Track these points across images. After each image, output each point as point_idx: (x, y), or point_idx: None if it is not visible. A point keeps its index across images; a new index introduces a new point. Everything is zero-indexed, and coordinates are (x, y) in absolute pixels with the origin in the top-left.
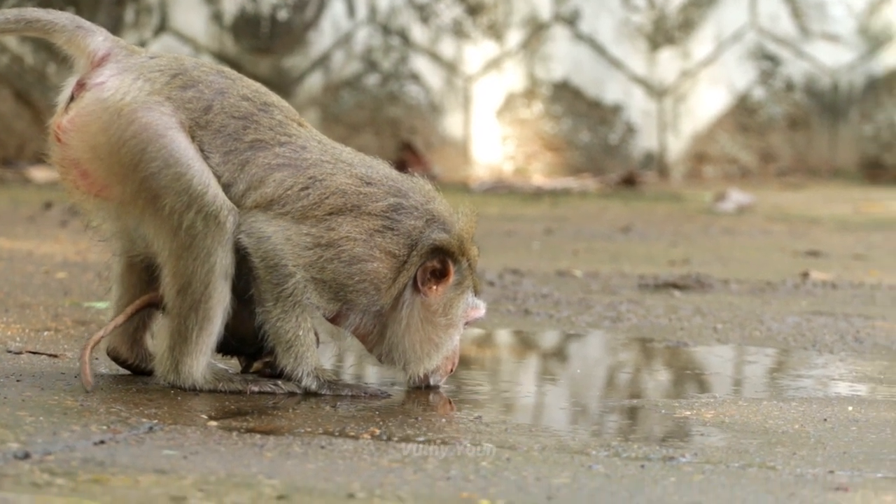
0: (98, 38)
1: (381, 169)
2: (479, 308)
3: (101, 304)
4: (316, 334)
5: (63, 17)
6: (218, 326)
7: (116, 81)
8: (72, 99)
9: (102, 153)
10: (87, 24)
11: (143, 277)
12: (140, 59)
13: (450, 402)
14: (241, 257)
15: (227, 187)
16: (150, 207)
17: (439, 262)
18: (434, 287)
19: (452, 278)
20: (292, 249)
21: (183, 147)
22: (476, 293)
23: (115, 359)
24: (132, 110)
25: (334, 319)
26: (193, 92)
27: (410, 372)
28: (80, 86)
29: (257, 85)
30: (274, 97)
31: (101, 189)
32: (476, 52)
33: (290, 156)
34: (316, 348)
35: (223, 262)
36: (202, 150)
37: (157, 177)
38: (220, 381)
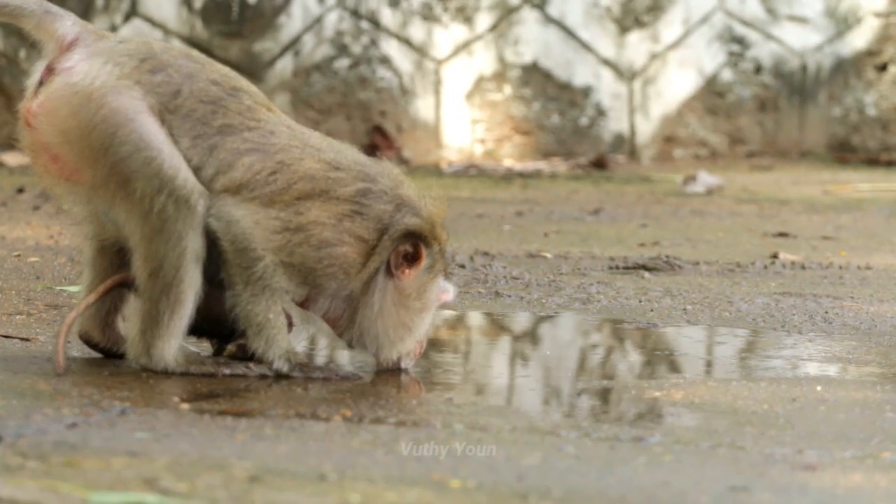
0: (67, 23)
1: (350, 154)
2: (449, 291)
3: (73, 288)
4: (288, 318)
5: (31, 2)
6: (189, 309)
7: (85, 66)
8: (41, 84)
9: (72, 137)
10: (55, 8)
11: (114, 261)
12: (109, 43)
13: (420, 384)
14: (211, 241)
15: (196, 171)
16: (120, 191)
17: (412, 245)
18: (406, 271)
19: (424, 262)
20: (261, 233)
21: (153, 131)
22: (445, 276)
23: (87, 342)
24: (101, 94)
25: (304, 304)
26: (162, 76)
27: (383, 356)
28: (50, 70)
29: (226, 69)
30: (243, 82)
31: (72, 173)
32: (446, 35)
33: (258, 140)
34: (287, 331)
35: (194, 245)
36: (171, 134)
37: (128, 161)
38: (192, 364)
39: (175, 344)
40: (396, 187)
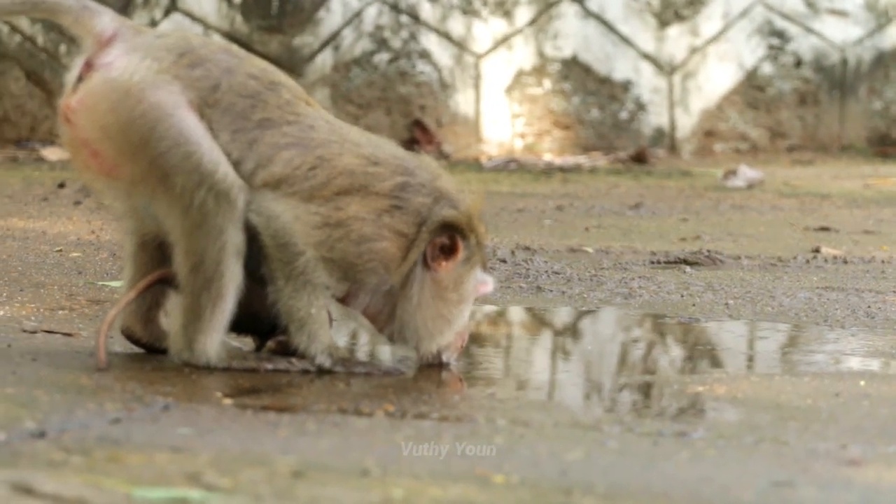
0: (105, 19)
1: (388, 148)
2: (488, 283)
3: (115, 283)
4: (329, 312)
5: None
6: (231, 304)
7: (124, 61)
8: (80, 79)
9: (112, 133)
10: (93, 4)
11: (155, 256)
12: (147, 38)
13: (463, 379)
14: (252, 236)
15: (235, 165)
16: (160, 186)
17: (448, 237)
18: (443, 263)
19: (461, 254)
20: (302, 228)
21: (192, 126)
22: (483, 269)
23: (129, 337)
24: (140, 89)
25: (344, 299)
26: (201, 70)
27: (423, 349)
28: (88, 66)
29: (265, 64)
30: (282, 76)
31: (112, 168)
32: (485, 29)
33: (297, 135)
34: (329, 326)
35: (234, 239)
36: (211, 129)
37: (167, 156)
38: (234, 359)
39: (217, 338)
40: (434, 180)
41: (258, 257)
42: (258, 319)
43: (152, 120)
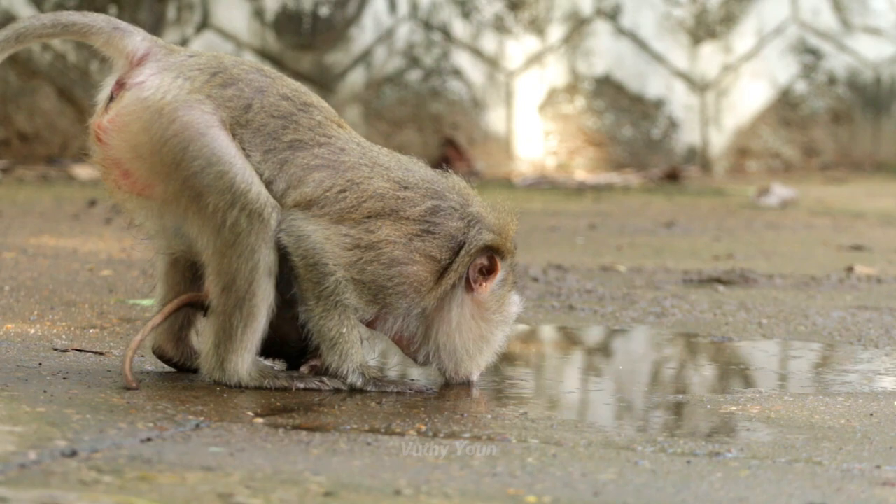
0: (136, 38)
1: (418, 171)
2: (517, 303)
3: (146, 302)
4: (360, 332)
5: (99, 20)
6: (263, 323)
7: (156, 80)
8: (111, 99)
9: (144, 152)
10: (123, 24)
11: (186, 276)
12: (179, 57)
13: (495, 399)
14: (282, 257)
15: (267, 185)
16: (193, 206)
17: (488, 259)
18: (483, 284)
19: (500, 274)
20: (332, 249)
21: (225, 145)
22: (516, 289)
23: (161, 357)
24: (173, 109)
25: (372, 323)
26: (233, 90)
27: (463, 371)
28: (120, 85)
29: (297, 84)
30: (314, 97)
31: (144, 188)
32: (518, 47)
33: (328, 157)
34: (361, 345)
35: (267, 259)
36: (243, 148)
37: (200, 175)
38: (266, 378)
39: (249, 358)
40: (466, 204)
41: (288, 279)
42: (287, 343)
43: (185, 139)
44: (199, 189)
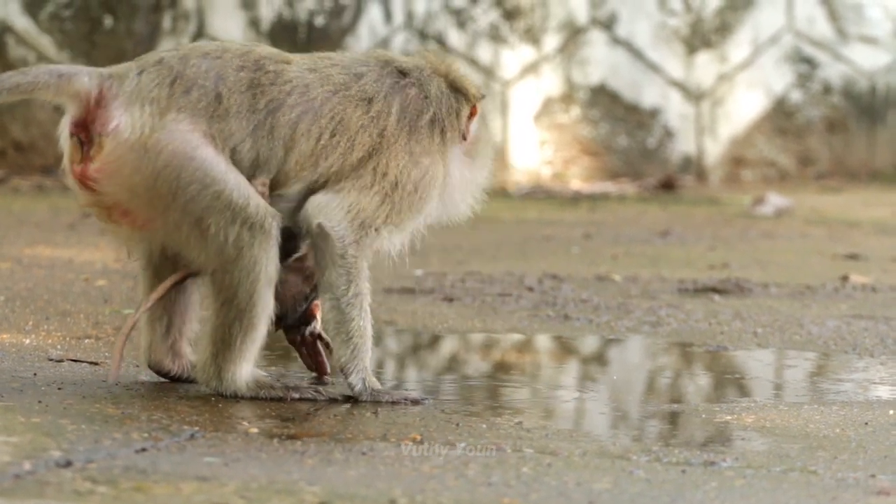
0: (84, 80)
1: (363, 70)
2: (491, 140)
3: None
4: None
5: (41, 73)
6: (262, 333)
7: (127, 118)
8: (82, 145)
9: (140, 191)
10: (64, 68)
11: (168, 264)
12: (131, 81)
13: (490, 408)
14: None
15: (267, 162)
16: (195, 230)
17: (469, 110)
18: (469, 133)
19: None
20: (368, 213)
21: (214, 163)
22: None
23: (158, 371)
24: (155, 141)
25: None
26: (197, 92)
27: (459, 215)
28: (81, 129)
29: (237, 46)
30: (256, 49)
31: (145, 223)
32: (513, 56)
33: (300, 101)
34: (370, 349)
35: (268, 270)
36: (232, 141)
37: (198, 199)
38: (262, 389)
39: (247, 368)
40: (420, 79)
41: (286, 247)
42: (283, 318)
43: (176, 168)
44: (199, 213)
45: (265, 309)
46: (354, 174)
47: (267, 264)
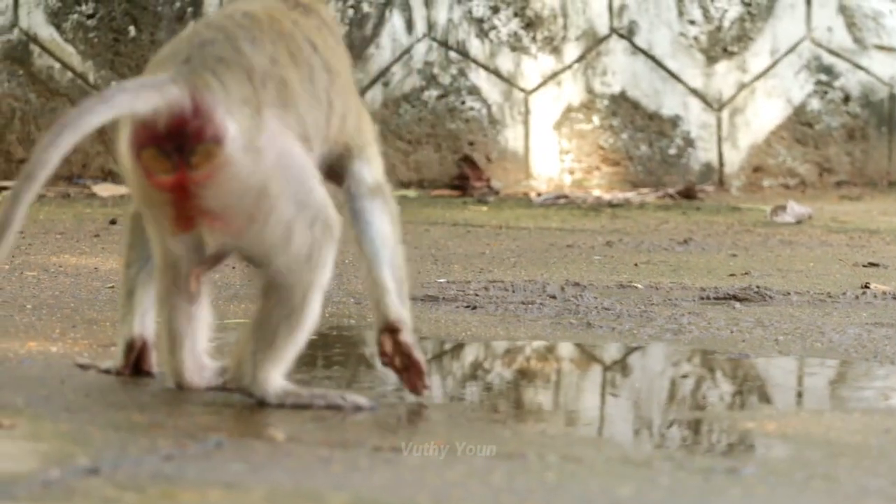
0: (174, 90)
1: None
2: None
3: None
4: None
5: (125, 96)
6: (304, 339)
7: (234, 124)
8: (180, 151)
9: (251, 194)
10: (147, 82)
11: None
12: (214, 84)
13: (514, 415)
14: None
15: (316, 134)
16: (285, 230)
17: None
18: None
19: None
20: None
21: (305, 158)
22: None
23: (188, 387)
24: (263, 143)
25: None
26: (269, 82)
27: None
28: (166, 138)
29: (233, 12)
30: (247, 7)
31: (240, 227)
32: (534, 66)
33: (318, 63)
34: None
35: (326, 275)
36: (299, 126)
37: (296, 198)
38: (289, 396)
39: (282, 373)
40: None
41: None
42: None
43: (284, 168)
44: (293, 212)
45: (313, 315)
46: (361, 133)
47: (327, 269)
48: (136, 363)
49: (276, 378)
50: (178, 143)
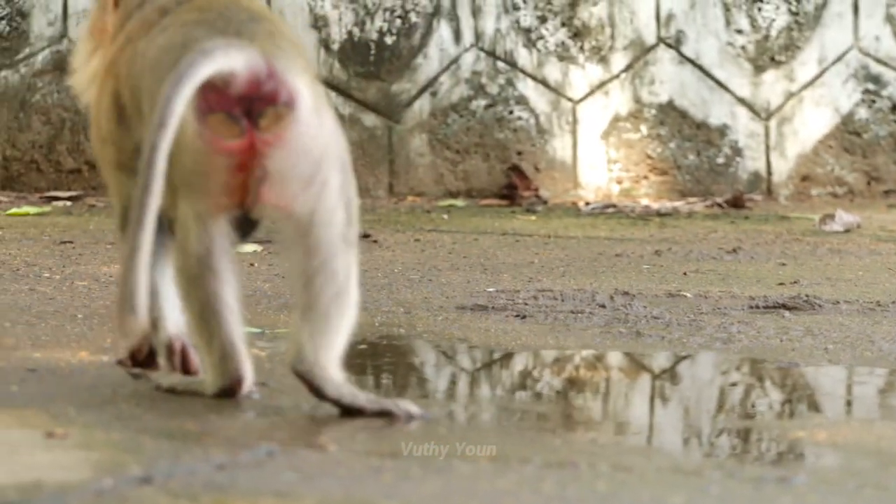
0: (254, 54)
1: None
2: None
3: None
4: None
5: (220, 51)
6: (354, 323)
7: (303, 88)
8: (250, 115)
9: (309, 159)
10: (233, 42)
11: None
12: (279, 50)
13: (564, 424)
14: None
15: None
16: (330, 198)
17: None
18: None
19: None
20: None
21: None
22: None
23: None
24: (323, 108)
25: None
26: (306, 52)
27: None
28: (238, 102)
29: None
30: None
31: (293, 195)
32: (582, 75)
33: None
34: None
35: (357, 256)
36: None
37: (340, 169)
38: (346, 393)
39: (338, 361)
40: None
41: None
42: None
43: (336, 136)
44: (340, 181)
45: (357, 296)
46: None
47: (357, 251)
48: (182, 365)
49: (335, 368)
50: (246, 107)
